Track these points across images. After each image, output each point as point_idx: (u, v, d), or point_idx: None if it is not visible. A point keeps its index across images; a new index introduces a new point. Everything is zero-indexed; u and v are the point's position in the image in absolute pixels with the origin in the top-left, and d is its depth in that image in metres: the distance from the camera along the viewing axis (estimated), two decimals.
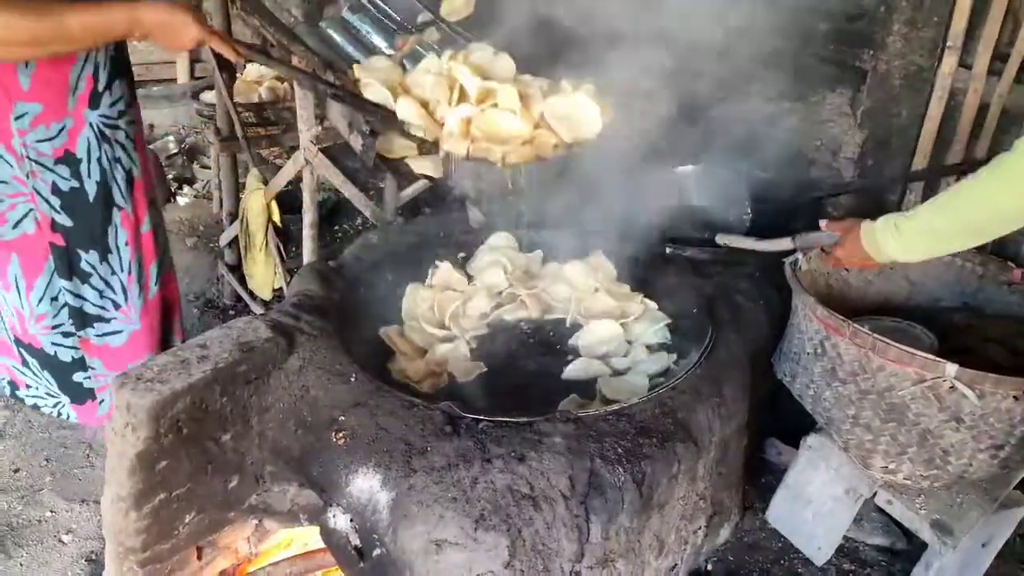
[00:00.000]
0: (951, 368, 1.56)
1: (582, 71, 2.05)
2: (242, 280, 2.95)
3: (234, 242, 2.94)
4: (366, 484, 1.46)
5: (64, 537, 2.16)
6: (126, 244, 1.76)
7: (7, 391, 1.87)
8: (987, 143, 2.34)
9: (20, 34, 1.38)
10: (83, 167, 1.63)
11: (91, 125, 1.64)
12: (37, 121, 1.55)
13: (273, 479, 1.68)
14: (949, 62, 2.35)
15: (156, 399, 1.41)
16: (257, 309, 2.83)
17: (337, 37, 2.86)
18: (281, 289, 2.67)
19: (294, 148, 2.39)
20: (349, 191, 2.35)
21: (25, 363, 1.80)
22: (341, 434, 1.52)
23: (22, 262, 1.65)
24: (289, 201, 2.88)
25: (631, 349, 1.96)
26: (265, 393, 1.60)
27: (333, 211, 3.72)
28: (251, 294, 2.92)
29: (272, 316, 1.75)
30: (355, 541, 1.51)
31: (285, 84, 3.66)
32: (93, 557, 2.09)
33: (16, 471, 2.35)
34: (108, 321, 1.79)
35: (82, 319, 1.75)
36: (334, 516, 1.54)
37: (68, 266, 1.67)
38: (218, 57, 2.64)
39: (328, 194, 3.68)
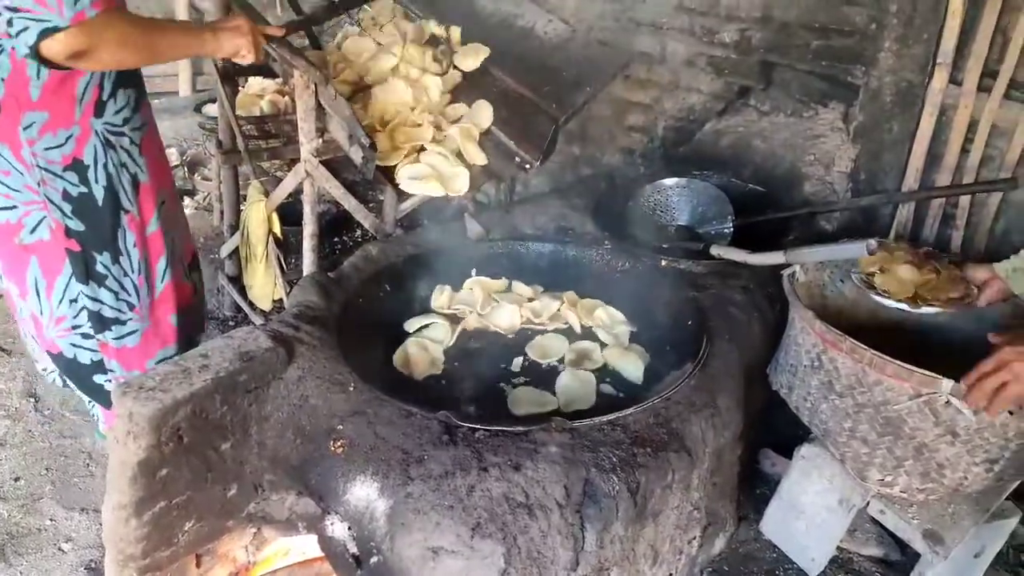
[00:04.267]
0: (947, 384, 1.56)
1: None
2: (242, 291, 2.97)
3: (235, 253, 2.96)
4: (364, 492, 1.47)
5: (64, 545, 2.17)
6: (134, 246, 1.82)
7: (59, 383, 1.93)
8: (977, 157, 2.37)
9: (116, 34, 1.52)
10: (90, 172, 1.69)
11: (96, 133, 1.69)
12: (44, 129, 1.60)
13: (272, 487, 1.70)
14: (940, 78, 2.38)
15: (158, 408, 1.43)
16: (257, 320, 2.84)
17: None
18: (281, 300, 2.69)
19: (295, 161, 2.41)
20: (349, 203, 2.37)
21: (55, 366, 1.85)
22: (339, 443, 1.53)
23: (41, 264, 1.71)
24: (290, 213, 2.91)
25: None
26: (265, 402, 1.62)
27: (333, 223, 3.75)
28: (251, 305, 2.93)
29: (272, 326, 1.77)
30: (352, 549, 1.52)
31: (287, 98, 3.69)
32: (93, 565, 2.10)
33: (16, 480, 2.36)
34: (124, 323, 1.84)
35: (101, 322, 1.79)
36: (332, 524, 1.56)
37: (85, 270, 1.73)
38: (221, 71, 2.68)
39: (328, 206, 3.71)
